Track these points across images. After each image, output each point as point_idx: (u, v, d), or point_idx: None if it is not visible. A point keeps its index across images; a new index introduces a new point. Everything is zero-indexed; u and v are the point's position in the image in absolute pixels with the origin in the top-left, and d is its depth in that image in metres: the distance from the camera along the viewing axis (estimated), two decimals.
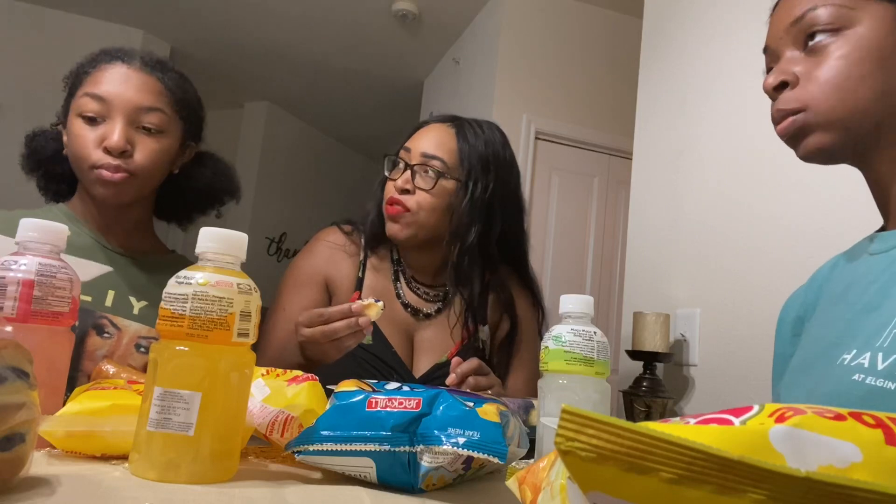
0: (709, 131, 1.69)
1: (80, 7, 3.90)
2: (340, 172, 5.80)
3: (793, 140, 0.70)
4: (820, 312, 0.76)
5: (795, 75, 0.69)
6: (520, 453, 0.59)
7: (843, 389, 0.61)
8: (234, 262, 0.52)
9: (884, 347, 0.59)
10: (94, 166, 0.94)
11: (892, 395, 0.56)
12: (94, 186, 0.96)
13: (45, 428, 0.50)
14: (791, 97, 0.69)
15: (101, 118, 0.95)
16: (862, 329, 0.64)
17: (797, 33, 0.70)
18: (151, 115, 0.97)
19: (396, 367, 1.10)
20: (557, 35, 3.37)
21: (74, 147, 0.96)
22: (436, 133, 1.15)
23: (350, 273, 1.17)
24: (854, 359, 0.62)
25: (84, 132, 0.95)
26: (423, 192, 1.10)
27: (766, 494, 0.23)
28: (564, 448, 0.25)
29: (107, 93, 0.95)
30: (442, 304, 1.19)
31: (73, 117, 0.96)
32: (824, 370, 0.66)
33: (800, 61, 0.70)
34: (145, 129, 0.97)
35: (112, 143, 0.93)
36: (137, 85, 0.97)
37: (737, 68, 1.57)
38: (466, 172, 1.12)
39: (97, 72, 0.98)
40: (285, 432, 0.57)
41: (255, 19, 3.95)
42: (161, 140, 0.99)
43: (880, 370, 0.58)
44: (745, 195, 1.52)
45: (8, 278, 0.56)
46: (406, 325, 1.16)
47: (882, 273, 0.66)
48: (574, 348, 0.67)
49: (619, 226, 3.28)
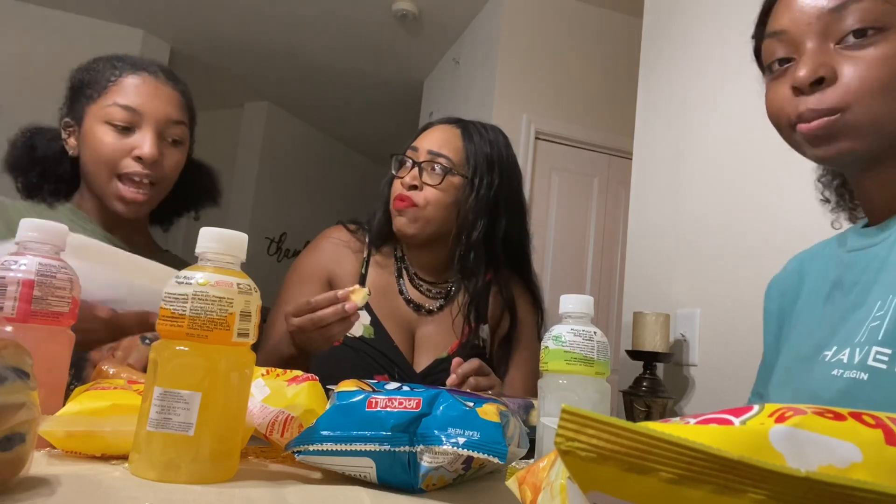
0: (709, 131, 1.69)
1: (80, 7, 3.90)
2: (340, 172, 5.80)
3: (820, 140, 0.65)
4: (806, 312, 0.75)
5: (834, 71, 0.63)
6: (520, 453, 0.59)
7: (824, 386, 0.62)
8: (234, 262, 0.52)
9: (860, 342, 0.60)
10: (121, 174, 0.98)
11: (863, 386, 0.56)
12: (112, 200, 0.99)
13: (45, 428, 0.50)
14: (832, 97, 0.62)
15: (131, 127, 0.98)
16: (843, 327, 0.64)
17: (834, 24, 0.63)
18: (177, 127, 1.03)
19: (398, 361, 1.11)
20: (557, 35, 3.37)
21: (98, 152, 0.98)
22: (442, 133, 1.18)
23: (353, 269, 1.18)
24: (834, 355, 0.62)
25: (111, 139, 0.98)
26: (430, 188, 1.13)
27: (766, 494, 0.23)
28: (564, 448, 0.25)
29: (139, 105, 0.99)
30: (444, 300, 1.20)
31: (98, 123, 0.99)
32: (809, 370, 0.67)
33: (833, 56, 0.63)
34: (172, 142, 1.03)
35: (146, 154, 0.97)
36: (166, 98, 1.02)
37: (737, 68, 1.57)
38: (472, 170, 1.15)
39: (122, 80, 1.01)
40: (285, 432, 0.57)
41: (256, 19, 3.95)
42: (182, 151, 1.05)
43: (855, 363, 0.59)
44: (746, 195, 1.52)
45: (8, 278, 0.56)
46: (408, 320, 1.17)
47: (864, 271, 0.66)
48: (574, 348, 0.67)
49: (619, 226, 3.28)
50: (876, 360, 0.57)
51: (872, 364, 0.57)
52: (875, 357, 0.57)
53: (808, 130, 0.64)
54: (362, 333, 1.09)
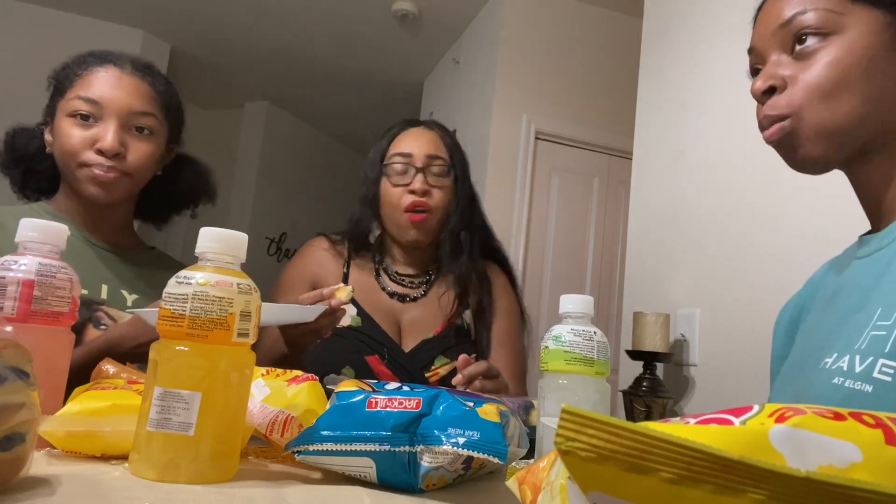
0: (709, 131, 1.69)
1: (79, 7, 3.90)
2: (340, 172, 5.79)
3: (781, 148, 0.69)
4: (810, 317, 0.75)
5: (783, 80, 0.68)
6: (520, 453, 0.59)
7: (824, 394, 0.61)
8: (233, 262, 0.52)
9: (861, 349, 0.59)
10: (85, 164, 0.96)
11: (867, 398, 0.55)
12: (85, 184, 0.97)
13: (45, 428, 0.50)
14: (778, 103, 0.67)
15: (93, 119, 0.97)
16: (844, 332, 0.63)
17: (784, 36, 0.68)
18: (143, 118, 1.00)
19: (386, 343, 1.15)
20: (557, 35, 3.37)
21: (64, 145, 0.97)
22: (425, 135, 1.24)
23: (335, 271, 1.24)
24: (834, 362, 0.62)
25: (74, 131, 0.96)
26: (437, 190, 1.20)
27: (766, 494, 0.23)
28: (564, 448, 0.25)
29: (100, 96, 0.97)
30: (426, 287, 1.25)
31: (63, 117, 0.98)
32: (809, 375, 0.66)
33: (787, 65, 0.68)
34: (137, 130, 1.00)
35: (106, 146, 0.95)
36: (129, 89, 0.99)
37: (737, 67, 1.57)
38: (458, 166, 1.24)
39: (88, 74, 0.99)
40: (285, 432, 0.57)
41: (255, 19, 3.95)
42: (151, 142, 1.02)
43: (857, 373, 0.58)
44: (746, 195, 1.52)
45: (8, 278, 0.56)
46: (393, 310, 1.22)
47: (865, 276, 0.66)
48: (574, 348, 0.67)
49: (619, 226, 3.28)
50: (882, 373, 0.56)
51: (878, 376, 0.56)
52: (881, 370, 0.56)
53: (767, 137, 0.69)
54: (350, 323, 1.14)
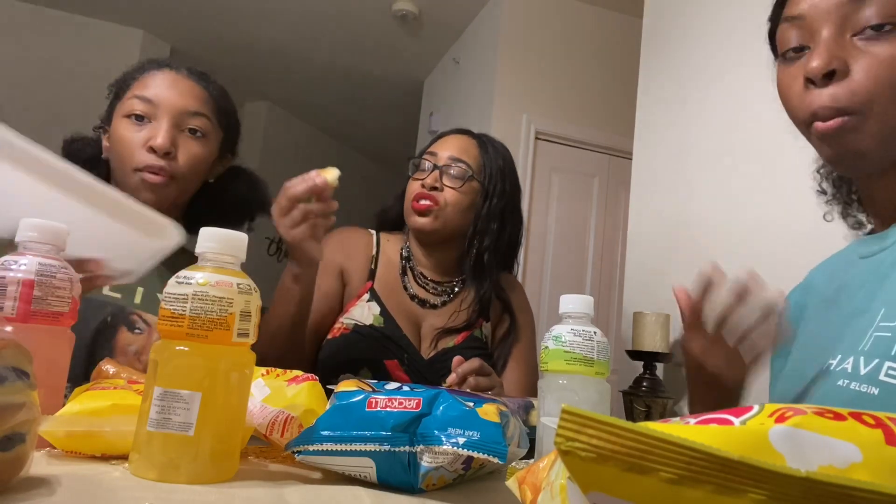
0: (709, 131, 1.69)
1: (80, 7, 3.90)
2: (340, 172, 5.79)
3: (832, 140, 0.62)
4: (811, 317, 0.75)
5: (846, 64, 0.60)
6: (520, 453, 0.59)
7: (829, 395, 0.60)
8: (233, 262, 0.52)
9: (865, 351, 0.58)
10: (138, 168, 0.97)
11: (874, 401, 0.55)
12: (138, 191, 0.98)
13: (45, 428, 0.50)
14: (843, 94, 0.59)
15: (147, 119, 0.98)
16: (848, 333, 0.62)
17: (853, 14, 0.60)
18: (196, 118, 1.01)
19: (406, 348, 1.16)
20: (557, 35, 3.37)
21: (119, 149, 0.98)
22: (459, 141, 1.26)
23: (363, 264, 1.23)
24: (839, 364, 0.60)
25: (129, 133, 0.98)
26: (451, 190, 1.19)
27: (767, 494, 0.23)
28: (564, 448, 0.25)
29: (155, 95, 0.99)
30: (448, 297, 1.25)
31: (119, 119, 0.99)
32: (814, 376, 0.65)
33: (847, 48, 0.60)
34: (190, 132, 1.01)
35: (158, 143, 0.96)
36: (183, 90, 1.02)
37: (737, 68, 1.57)
38: (488, 179, 1.23)
39: (145, 77, 1.02)
40: (285, 432, 0.57)
41: (256, 19, 3.95)
42: (203, 144, 1.03)
43: (862, 375, 0.57)
44: (746, 195, 1.52)
45: (8, 278, 0.56)
46: (413, 313, 1.22)
47: (868, 276, 0.65)
48: (574, 348, 0.67)
49: (619, 226, 3.28)
50: (888, 376, 0.55)
51: (884, 379, 0.55)
52: (887, 372, 0.55)
53: (825, 130, 0.62)
54: (372, 322, 1.14)
